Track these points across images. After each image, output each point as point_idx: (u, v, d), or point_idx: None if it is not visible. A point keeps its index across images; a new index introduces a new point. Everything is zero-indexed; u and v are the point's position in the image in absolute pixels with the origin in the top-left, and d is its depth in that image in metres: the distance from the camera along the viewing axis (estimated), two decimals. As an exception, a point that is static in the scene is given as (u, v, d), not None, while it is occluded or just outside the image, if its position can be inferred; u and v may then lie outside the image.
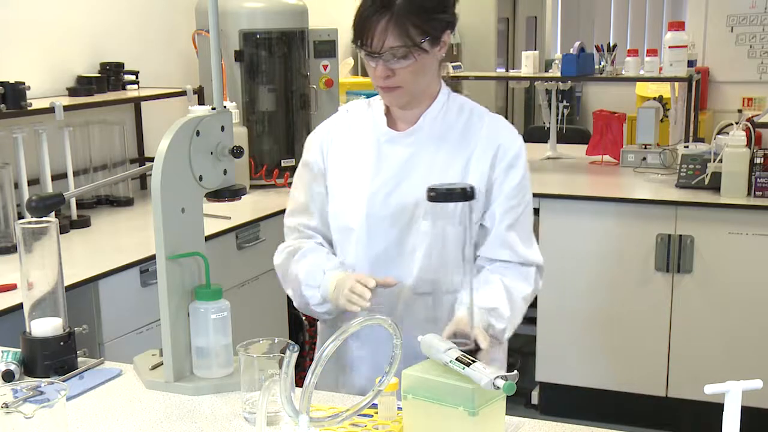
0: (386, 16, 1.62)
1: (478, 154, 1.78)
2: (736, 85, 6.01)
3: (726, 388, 1.12)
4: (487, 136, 1.79)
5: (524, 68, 4.20)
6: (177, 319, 1.60)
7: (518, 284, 1.79)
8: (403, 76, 1.68)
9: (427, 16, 1.64)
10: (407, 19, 1.62)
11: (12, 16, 3.22)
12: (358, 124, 1.85)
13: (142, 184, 3.83)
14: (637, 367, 3.55)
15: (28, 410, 1.20)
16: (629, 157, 4.07)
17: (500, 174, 1.79)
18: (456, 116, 1.80)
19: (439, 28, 1.68)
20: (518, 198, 1.81)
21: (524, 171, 1.83)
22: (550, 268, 3.55)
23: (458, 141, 1.78)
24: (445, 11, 1.70)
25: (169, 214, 1.57)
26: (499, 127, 1.83)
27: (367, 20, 1.64)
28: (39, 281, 1.64)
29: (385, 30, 1.62)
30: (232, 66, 3.79)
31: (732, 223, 3.30)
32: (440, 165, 1.76)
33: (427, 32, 1.65)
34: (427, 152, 1.77)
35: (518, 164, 1.82)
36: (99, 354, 2.49)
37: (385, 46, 1.64)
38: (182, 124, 1.60)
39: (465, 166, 1.77)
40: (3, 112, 2.84)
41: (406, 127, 1.80)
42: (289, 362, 1.23)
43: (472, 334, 1.55)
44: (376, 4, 1.63)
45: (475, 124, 1.80)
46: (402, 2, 1.62)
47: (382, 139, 1.80)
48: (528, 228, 1.84)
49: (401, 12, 1.62)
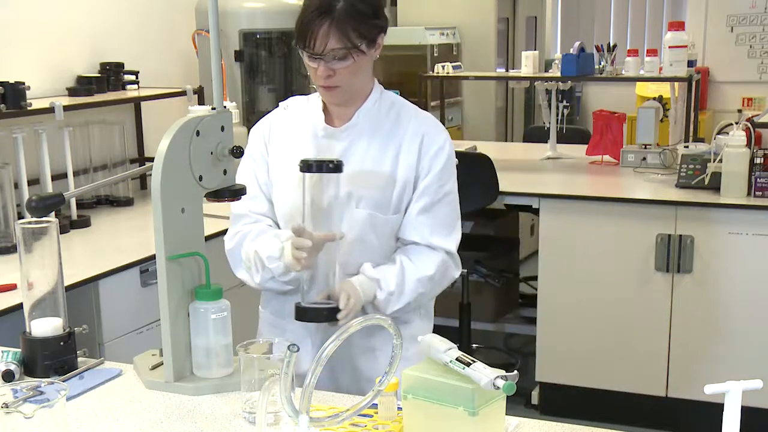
0: (327, 21, 1.75)
1: (406, 145, 1.90)
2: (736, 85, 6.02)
3: (726, 388, 1.12)
4: (414, 130, 1.91)
5: (524, 68, 4.20)
6: (177, 319, 1.60)
7: (417, 265, 1.90)
8: (342, 76, 1.82)
9: (364, 21, 1.80)
10: (347, 24, 1.76)
11: (12, 16, 3.22)
12: (297, 119, 1.96)
13: (142, 184, 3.83)
14: (637, 367, 3.55)
15: (28, 410, 1.20)
16: (629, 157, 4.07)
17: (425, 165, 1.91)
18: (387, 112, 1.93)
19: (374, 32, 1.83)
20: (434, 186, 1.91)
21: (445, 162, 1.93)
22: (550, 268, 3.59)
23: (388, 135, 1.91)
24: (379, 17, 1.85)
25: (169, 214, 1.57)
26: (425, 121, 1.95)
27: (310, 24, 1.76)
28: (39, 281, 1.64)
29: (327, 33, 1.76)
30: (232, 66, 3.79)
31: (732, 223, 3.30)
32: (372, 157, 1.89)
33: (364, 35, 1.80)
34: (360, 146, 1.90)
35: (440, 156, 1.92)
36: (99, 354, 2.50)
37: (327, 48, 1.77)
38: (182, 124, 1.60)
39: (395, 157, 1.89)
40: (3, 112, 2.84)
41: (341, 123, 1.92)
42: (289, 362, 1.23)
43: (336, 294, 1.77)
44: (319, 10, 1.76)
45: (403, 120, 1.93)
46: (341, 9, 1.76)
47: (320, 134, 1.92)
48: (444, 216, 1.94)
49: (341, 17, 1.76)
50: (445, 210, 1.94)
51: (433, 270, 1.91)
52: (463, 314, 3.92)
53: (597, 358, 3.61)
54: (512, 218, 4.70)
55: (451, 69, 4.33)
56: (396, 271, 1.87)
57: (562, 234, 3.57)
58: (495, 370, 1.23)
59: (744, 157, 3.32)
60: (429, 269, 1.90)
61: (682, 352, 3.46)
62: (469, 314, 3.93)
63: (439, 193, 1.91)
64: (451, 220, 1.95)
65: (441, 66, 4.35)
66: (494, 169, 3.55)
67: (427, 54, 5.69)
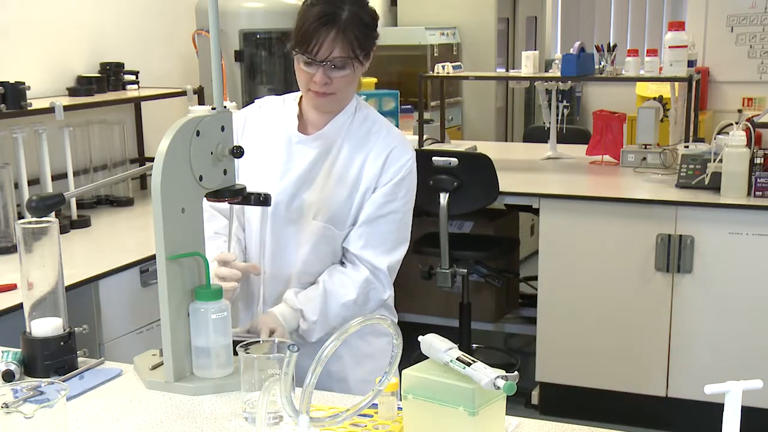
0: (334, 29, 1.77)
1: (372, 159, 1.90)
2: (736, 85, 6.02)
3: (726, 388, 1.12)
4: (382, 145, 1.91)
5: (524, 68, 4.20)
6: (177, 319, 1.60)
7: (340, 289, 1.90)
8: (338, 84, 1.83)
9: (367, 31, 1.82)
10: (351, 33, 1.78)
11: (12, 16, 3.22)
12: (271, 120, 1.97)
13: (142, 184, 3.83)
14: (637, 367, 3.55)
15: (28, 410, 1.20)
16: (629, 157, 4.07)
17: (383, 179, 1.91)
18: (359, 125, 1.93)
19: (372, 44, 1.85)
20: (382, 200, 1.90)
21: (400, 179, 1.92)
22: (550, 268, 3.59)
23: (357, 148, 1.91)
24: (376, 29, 1.87)
25: (169, 214, 1.57)
26: (395, 138, 1.95)
27: (316, 31, 1.77)
28: (39, 281, 1.63)
29: (333, 41, 1.77)
30: (232, 66, 3.79)
31: (732, 223, 3.30)
32: (338, 170, 1.90)
33: (365, 46, 1.82)
34: (329, 157, 1.91)
35: (399, 172, 1.91)
36: (99, 354, 2.50)
37: (331, 56, 1.78)
38: (182, 124, 1.60)
39: (359, 170, 1.90)
40: (3, 112, 2.84)
41: (314, 130, 1.93)
42: (289, 362, 1.23)
43: (257, 328, 1.80)
44: (325, 17, 1.77)
45: (373, 134, 1.93)
46: (347, 18, 1.78)
47: (294, 140, 1.93)
48: (383, 232, 1.92)
49: (347, 26, 1.78)
50: (386, 227, 1.92)
51: (355, 294, 1.90)
52: (463, 314, 3.92)
53: (597, 358, 3.61)
54: (512, 218, 4.70)
55: (451, 69, 4.33)
56: (319, 299, 1.88)
57: (562, 234, 3.57)
58: (495, 370, 1.23)
59: (744, 157, 3.32)
60: (351, 293, 1.90)
61: (682, 352, 3.47)
62: (469, 314, 3.93)
63: (384, 208, 1.91)
64: (390, 239, 1.93)
65: (441, 66, 4.35)
66: (494, 169, 3.55)
67: (427, 54, 5.70)
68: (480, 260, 3.87)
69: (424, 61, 5.65)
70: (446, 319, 4.18)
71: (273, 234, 1.92)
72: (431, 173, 3.51)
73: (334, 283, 1.90)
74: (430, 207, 3.54)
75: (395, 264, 1.96)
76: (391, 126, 1.99)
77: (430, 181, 3.51)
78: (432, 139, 4.47)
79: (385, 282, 1.94)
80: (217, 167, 1.67)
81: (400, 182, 1.92)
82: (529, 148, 5.01)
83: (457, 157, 3.54)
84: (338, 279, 1.91)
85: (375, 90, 5.05)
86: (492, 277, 3.88)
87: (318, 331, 1.89)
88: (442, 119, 4.86)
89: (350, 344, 1.98)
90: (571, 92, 4.49)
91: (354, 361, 2.00)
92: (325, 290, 1.89)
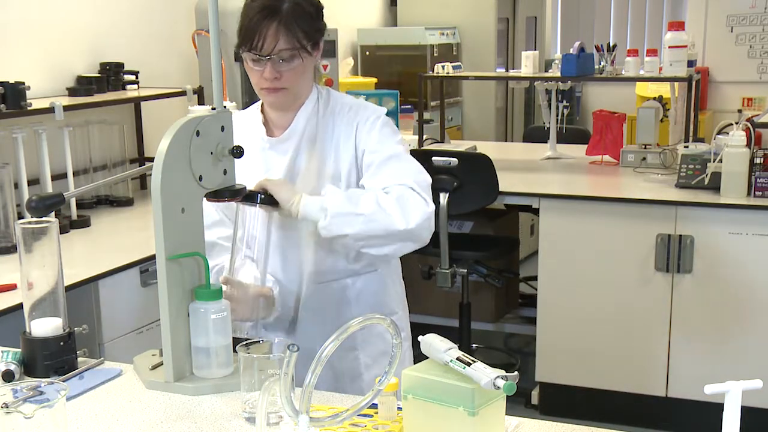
0: (275, 21, 1.76)
1: (344, 140, 1.88)
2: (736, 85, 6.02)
3: (726, 388, 1.12)
4: (347, 123, 1.89)
5: (524, 68, 4.20)
6: (177, 319, 1.60)
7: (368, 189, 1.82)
8: (288, 78, 1.81)
9: (310, 21, 1.81)
10: (294, 24, 1.77)
11: (12, 16, 3.22)
12: (240, 135, 1.89)
13: (142, 184, 3.83)
14: (637, 367, 3.55)
15: (28, 410, 1.20)
16: (629, 157, 4.07)
17: (361, 143, 1.87)
18: (324, 112, 1.91)
19: (318, 35, 1.84)
20: (375, 154, 1.86)
21: (381, 128, 1.88)
22: (550, 268, 3.59)
23: (328, 135, 1.90)
24: (321, 19, 1.85)
25: (169, 214, 1.57)
26: (358, 110, 1.91)
27: (258, 25, 1.77)
28: (39, 281, 1.63)
29: (276, 34, 1.77)
30: (232, 66, 3.79)
31: (732, 223, 3.30)
32: (316, 164, 1.88)
33: (311, 36, 1.81)
34: (303, 156, 1.90)
35: (375, 126, 1.88)
36: (99, 354, 2.50)
37: (276, 48, 1.77)
38: (182, 124, 1.60)
39: (336, 154, 1.88)
40: (3, 112, 2.84)
41: (280, 131, 1.92)
42: (289, 362, 1.23)
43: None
44: (266, 11, 1.76)
45: (338, 116, 1.91)
46: (288, 9, 1.77)
47: (266, 147, 1.92)
48: (396, 169, 1.84)
49: (288, 18, 1.76)
50: (394, 167, 1.85)
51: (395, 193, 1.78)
52: (463, 314, 3.92)
53: (597, 358, 3.61)
54: (512, 218, 4.70)
55: (451, 69, 4.33)
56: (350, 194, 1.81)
57: (562, 234, 3.57)
58: (495, 370, 1.23)
59: (744, 157, 3.32)
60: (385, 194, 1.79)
61: (682, 352, 3.47)
62: (469, 314, 3.93)
63: (380, 154, 1.85)
64: (405, 170, 1.85)
65: (441, 66, 4.35)
66: (494, 169, 3.55)
67: (427, 54, 5.70)
68: (480, 260, 3.87)
69: (424, 61, 5.65)
70: (446, 319, 4.17)
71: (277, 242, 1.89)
72: (431, 173, 3.46)
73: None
74: (430, 207, 3.54)
75: (424, 182, 1.84)
76: (353, 100, 1.95)
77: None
78: (432, 139, 4.47)
79: (422, 193, 1.80)
80: (217, 167, 1.67)
81: (381, 130, 1.87)
82: (529, 148, 5.01)
83: (457, 157, 3.54)
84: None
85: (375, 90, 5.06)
86: (492, 277, 3.88)
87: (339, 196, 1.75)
88: (442, 119, 4.86)
89: (367, 342, 1.98)
90: (571, 92, 4.49)
91: (371, 359, 1.99)
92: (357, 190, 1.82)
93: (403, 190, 1.78)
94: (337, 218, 1.73)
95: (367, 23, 5.96)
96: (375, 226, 1.74)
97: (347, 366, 1.98)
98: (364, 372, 1.99)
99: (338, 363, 1.96)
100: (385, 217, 1.73)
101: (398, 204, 1.75)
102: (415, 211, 1.76)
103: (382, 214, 1.73)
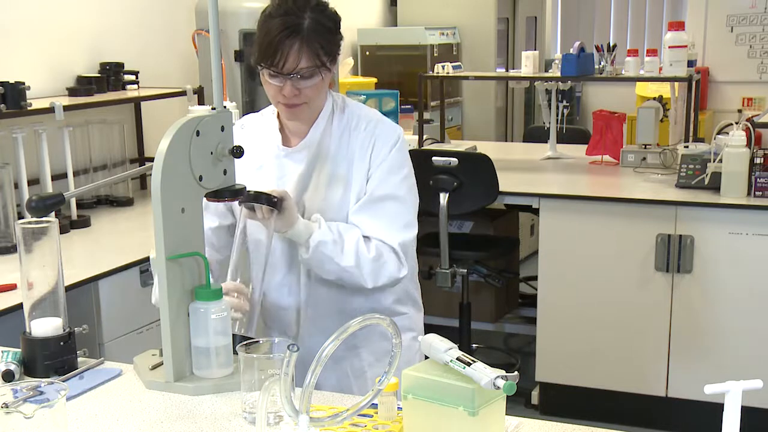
0: (298, 40, 1.74)
1: (360, 153, 1.88)
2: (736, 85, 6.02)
3: (726, 388, 1.12)
4: (365, 137, 1.89)
5: (524, 68, 4.20)
6: (177, 319, 1.60)
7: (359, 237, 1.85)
8: (308, 94, 1.81)
9: (331, 37, 1.80)
10: (316, 42, 1.76)
11: (12, 16, 3.22)
12: (256, 139, 1.94)
13: (142, 184, 3.83)
14: (637, 367, 3.55)
15: (28, 410, 1.20)
16: (629, 157, 4.07)
17: (375, 160, 1.88)
18: (339, 123, 1.91)
19: (337, 48, 1.84)
20: (376, 184, 1.87)
21: (396, 154, 1.89)
22: (550, 268, 3.59)
23: (343, 147, 1.89)
24: (339, 32, 1.85)
25: (169, 214, 1.57)
26: (377, 123, 1.91)
27: (280, 44, 1.74)
28: (39, 281, 1.63)
29: (298, 52, 1.75)
30: (232, 66, 3.79)
31: (732, 223, 3.30)
32: (328, 173, 1.89)
33: (330, 52, 1.80)
34: (318, 165, 1.90)
35: (392, 150, 1.89)
36: (99, 354, 2.50)
37: (297, 68, 1.76)
38: (182, 124, 1.60)
39: (348, 167, 1.88)
40: (3, 112, 2.84)
41: (297, 141, 1.92)
42: (289, 362, 1.23)
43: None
44: (288, 30, 1.74)
45: (355, 126, 1.91)
46: (309, 27, 1.75)
47: (281, 155, 1.91)
48: (387, 215, 1.87)
49: (310, 36, 1.75)
50: (388, 209, 1.87)
51: (372, 253, 1.84)
52: (463, 314, 3.92)
53: (597, 358, 3.61)
54: (512, 218, 4.70)
55: (451, 69, 4.33)
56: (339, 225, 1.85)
57: (562, 234, 3.57)
58: (495, 370, 1.23)
59: (744, 157, 3.32)
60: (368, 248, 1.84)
61: (682, 352, 3.47)
62: (469, 314, 3.93)
63: (381, 189, 1.87)
64: (395, 220, 1.88)
65: (441, 66, 4.35)
66: (494, 169, 3.55)
67: (427, 54, 5.70)
68: (480, 260, 3.87)
69: (424, 61, 5.65)
70: (446, 319, 4.17)
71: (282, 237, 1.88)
72: (431, 173, 3.51)
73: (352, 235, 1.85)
74: (430, 207, 3.54)
75: (408, 243, 1.89)
76: (371, 114, 1.94)
77: (430, 181, 3.51)
78: (432, 139, 4.47)
79: (401, 257, 1.87)
80: (217, 167, 1.67)
81: (391, 168, 1.88)
82: (529, 148, 5.01)
83: (457, 157, 3.54)
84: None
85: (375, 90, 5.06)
86: (492, 277, 3.88)
87: (328, 237, 1.80)
88: (442, 119, 4.86)
89: (371, 340, 1.98)
90: (571, 92, 4.49)
91: (374, 357, 1.99)
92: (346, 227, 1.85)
93: (383, 251, 1.85)
94: (319, 258, 1.81)
95: (367, 23, 5.97)
96: (346, 276, 1.84)
97: (352, 364, 1.98)
98: (368, 370, 1.99)
99: (343, 361, 1.97)
100: (358, 275, 1.84)
101: (373, 265, 1.84)
102: (386, 275, 1.86)
103: (355, 271, 1.83)
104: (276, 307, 1.97)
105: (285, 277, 1.94)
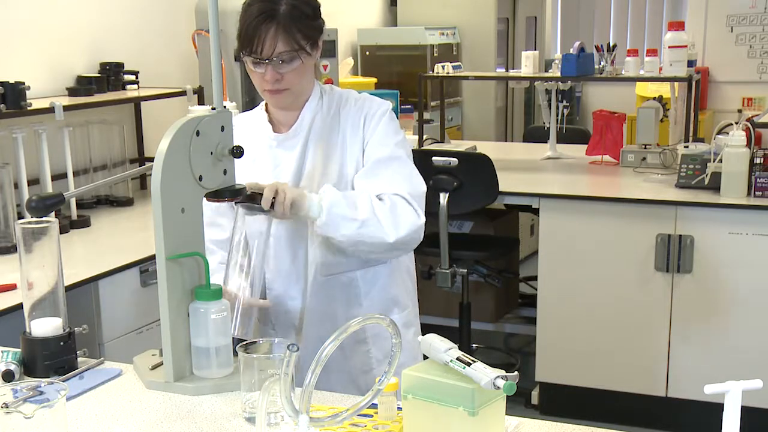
0: (273, 25, 1.78)
1: (352, 129, 1.92)
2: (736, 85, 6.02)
3: (726, 388, 1.12)
4: (355, 113, 1.93)
5: (524, 68, 4.20)
6: (177, 319, 1.60)
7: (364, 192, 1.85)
8: (289, 79, 1.84)
9: (308, 22, 1.83)
10: (293, 26, 1.79)
11: (12, 16, 3.22)
12: (248, 135, 1.95)
13: (142, 184, 3.83)
14: (637, 367, 3.55)
15: (28, 410, 1.20)
16: (629, 157, 4.07)
17: (368, 134, 1.92)
18: (328, 109, 1.94)
19: (316, 34, 1.86)
20: (374, 149, 1.89)
21: (387, 123, 1.92)
22: (550, 268, 3.59)
23: (335, 129, 1.93)
24: (318, 18, 1.87)
25: (169, 214, 1.57)
26: (365, 99, 1.95)
27: (256, 29, 1.79)
28: (39, 281, 1.64)
29: (274, 37, 1.78)
30: (232, 66, 3.79)
31: (732, 223, 3.30)
32: (322, 159, 1.91)
33: (309, 37, 1.83)
34: (310, 150, 1.92)
35: (382, 120, 1.92)
36: (99, 354, 2.50)
37: (275, 51, 1.79)
38: (182, 124, 1.60)
39: (342, 149, 1.92)
40: (3, 112, 2.84)
41: (287, 128, 1.94)
42: (289, 362, 1.23)
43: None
44: (263, 15, 1.78)
45: (344, 107, 1.95)
46: (285, 12, 1.79)
47: (273, 144, 1.94)
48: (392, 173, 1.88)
49: (286, 20, 1.79)
50: (392, 169, 1.88)
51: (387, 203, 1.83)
52: (463, 314, 3.92)
53: (597, 358, 3.61)
54: (512, 218, 4.70)
55: (451, 69, 4.33)
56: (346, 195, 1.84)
57: (562, 234, 3.57)
58: (495, 370, 1.23)
59: (744, 157, 3.32)
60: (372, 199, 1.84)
61: (682, 352, 3.47)
62: (469, 314, 3.93)
63: (380, 152, 1.88)
64: (401, 176, 1.88)
65: (441, 66, 4.35)
66: (494, 169, 3.55)
67: (427, 54, 5.70)
68: (480, 260, 3.87)
69: (424, 61, 5.65)
70: (446, 319, 4.17)
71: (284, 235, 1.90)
72: (431, 173, 3.51)
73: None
74: (430, 207, 3.53)
75: (417, 194, 1.88)
76: (358, 95, 1.98)
77: (430, 181, 3.51)
78: (432, 139, 4.47)
79: (414, 204, 1.85)
80: (217, 167, 1.67)
81: (386, 134, 1.90)
82: (529, 148, 5.01)
83: (457, 157, 3.54)
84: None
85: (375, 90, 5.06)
86: (492, 277, 3.88)
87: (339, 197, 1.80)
88: (442, 119, 4.86)
89: (379, 336, 1.98)
90: (571, 92, 4.49)
91: (383, 354, 1.99)
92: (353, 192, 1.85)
93: (396, 200, 1.85)
94: (335, 218, 1.79)
95: (367, 23, 5.96)
96: (366, 232, 1.81)
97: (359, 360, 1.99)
98: (375, 367, 2.00)
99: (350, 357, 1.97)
100: (377, 226, 1.81)
101: (390, 214, 1.82)
102: (406, 222, 1.83)
103: (374, 222, 1.81)
104: (283, 297, 1.96)
105: (291, 265, 1.94)
